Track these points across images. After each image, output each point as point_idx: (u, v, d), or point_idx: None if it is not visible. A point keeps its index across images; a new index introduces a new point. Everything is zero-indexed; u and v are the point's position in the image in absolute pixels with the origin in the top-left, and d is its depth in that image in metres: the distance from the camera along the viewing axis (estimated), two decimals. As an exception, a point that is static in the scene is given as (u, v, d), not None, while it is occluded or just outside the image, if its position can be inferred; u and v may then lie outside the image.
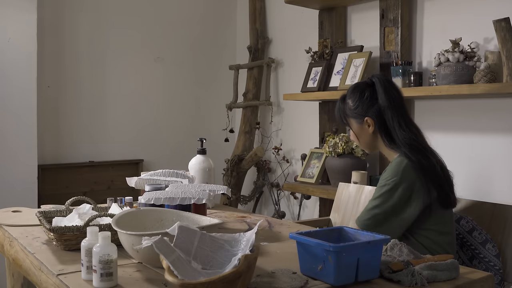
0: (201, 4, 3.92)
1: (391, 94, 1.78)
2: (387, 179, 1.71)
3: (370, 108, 1.79)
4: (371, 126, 1.80)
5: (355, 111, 1.82)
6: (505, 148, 2.39)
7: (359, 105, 1.81)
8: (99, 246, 1.20)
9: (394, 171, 1.70)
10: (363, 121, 1.81)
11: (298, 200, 3.45)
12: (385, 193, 1.69)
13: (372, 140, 1.83)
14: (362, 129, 1.83)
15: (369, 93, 1.80)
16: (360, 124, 1.82)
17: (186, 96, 3.86)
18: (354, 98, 1.82)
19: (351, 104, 1.83)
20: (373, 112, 1.78)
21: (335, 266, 1.15)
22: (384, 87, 1.78)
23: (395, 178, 1.69)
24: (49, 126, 3.30)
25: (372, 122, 1.79)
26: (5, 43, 2.96)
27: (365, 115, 1.80)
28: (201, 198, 1.74)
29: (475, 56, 2.32)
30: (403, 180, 1.68)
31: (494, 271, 1.95)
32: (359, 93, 1.82)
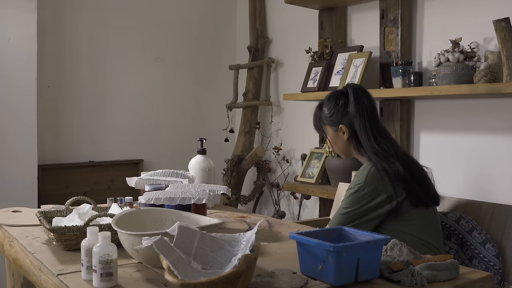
0: (201, 4, 3.92)
1: (360, 103, 1.85)
2: (354, 182, 1.79)
3: (344, 116, 1.86)
4: (346, 134, 1.87)
5: (330, 118, 1.89)
6: (505, 148, 2.39)
7: (334, 113, 1.88)
8: (99, 246, 1.20)
9: (359, 176, 1.78)
10: (338, 128, 1.88)
11: (298, 200, 3.45)
12: (351, 197, 1.77)
13: (346, 147, 1.90)
14: (337, 136, 1.90)
15: (344, 101, 1.88)
16: (335, 131, 1.90)
17: (186, 96, 3.86)
18: (330, 106, 1.90)
19: (326, 112, 1.91)
20: (347, 120, 1.86)
21: (335, 266, 1.15)
22: (355, 96, 1.85)
23: (360, 182, 1.76)
24: (49, 126, 3.30)
25: (346, 130, 1.86)
26: (5, 43, 2.96)
27: (340, 122, 1.87)
28: (201, 198, 1.74)
29: (475, 56, 2.32)
30: (367, 184, 1.75)
31: (494, 271, 1.95)
32: (334, 101, 1.89)
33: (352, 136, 1.86)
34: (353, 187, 1.78)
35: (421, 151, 2.73)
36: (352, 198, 1.77)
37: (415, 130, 2.76)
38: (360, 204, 1.75)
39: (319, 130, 2.00)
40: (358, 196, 1.75)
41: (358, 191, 1.76)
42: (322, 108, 1.94)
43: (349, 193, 1.78)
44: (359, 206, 1.75)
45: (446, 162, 2.62)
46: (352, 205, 1.76)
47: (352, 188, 1.78)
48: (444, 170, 2.62)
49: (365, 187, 1.75)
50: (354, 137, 1.85)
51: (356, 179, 1.80)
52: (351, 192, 1.78)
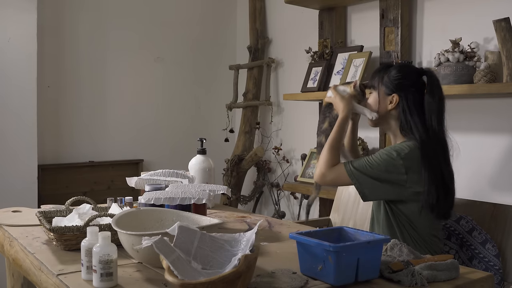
0: (201, 4, 3.92)
1: (441, 93, 1.81)
2: (392, 149, 1.74)
3: (405, 91, 1.80)
4: (392, 104, 1.81)
5: (392, 82, 1.82)
6: (505, 148, 2.39)
7: (399, 80, 1.82)
8: (99, 246, 1.20)
9: (402, 148, 1.73)
10: (390, 95, 1.82)
11: (298, 200, 3.45)
12: (381, 159, 1.73)
13: (383, 116, 1.85)
14: (383, 101, 1.84)
15: (414, 79, 1.82)
16: (386, 95, 1.83)
17: (186, 96, 3.86)
18: (400, 72, 1.83)
19: (393, 74, 1.83)
20: (405, 95, 1.79)
21: (335, 266, 1.15)
22: (437, 84, 1.81)
23: (397, 152, 1.72)
24: (49, 126, 3.30)
25: (396, 101, 1.81)
26: (5, 43, 2.96)
27: (397, 92, 1.81)
28: (201, 198, 1.74)
29: (475, 56, 2.32)
30: (404, 157, 1.71)
31: (494, 271, 1.95)
32: (407, 73, 1.83)
33: (408, 116, 1.79)
34: (389, 153, 1.73)
35: (421, 151, 2.73)
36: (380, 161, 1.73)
37: (415, 130, 2.75)
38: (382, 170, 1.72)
39: (372, 85, 1.91)
40: (387, 160, 1.72)
41: (389, 157, 1.72)
42: (389, 69, 1.87)
43: (384, 156, 1.73)
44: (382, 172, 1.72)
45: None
46: (375, 165, 1.73)
47: (388, 153, 1.73)
48: (444, 170, 2.62)
49: (399, 158, 1.71)
50: (410, 119, 1.79)
51: (394, 147, 1.76)
52: (386, 157, 1.73)
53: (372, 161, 1.74)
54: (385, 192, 1.76)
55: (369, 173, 1.73)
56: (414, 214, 1.78)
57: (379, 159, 1.74)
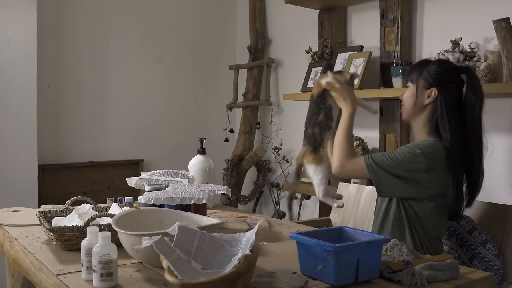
0: (201, 4, 3.92)
1: (482, 93, 1.78)
2: (416, 146, 1.72)
3: (444, 86, 1.77)
4: (430, 98, 1.78)
5: (432, 76, 1.79)
6: (505, 148, 2.39)
7: (439, 75, 1.78)
8: (99, 246, 1.20)
9: (426, 146, 1.71)
10: (429, 88, 1.79)
11: (298, 200, 3.45)
12: (403, 155, 1.70)
13: (418, 110, 1.81)
14: (421, 94, 1.80)
15: (454, 75, 1.79)
16: (424, 89, 1.80)
17: (186, 96, 3.86)
18: (440, 67, 1.80)
19: (433, 68, 1.80)
20: (444, 91, 1.77)
21: (335, 266, 1.15)
22: (479, 83, 1.78)
23: (421, 150, 1.69)
24: (49, 126, 3.30)
25: (434, 96, 1.77)
26: (5, 43, 2.96)
27: (436, 86, 1.78)
28: (201, 198, 1.74)
29: (475, 56, 2.32)
30: (427, 156, 1.69)
31: (494, 271, 1.95)
32: (448, 68, 1.81)
33: (444, 111, 1.75)
34: (412, 149, 1.71)
35: (421, 151, 2.73)
36: (404, 156, 1.70)
37: (415, 130, 2.75)
38: (405, 164, 1.70)
39: (410, 79, 1.86)
40: (412, 158, 1.69)
41: (412, 154, 1.70)
42: (429, 64, 1.83)
43: (406, 151, 1.71)
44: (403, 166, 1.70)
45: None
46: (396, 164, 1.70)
47: (411, 149, 1.71)
48: (444, 170, 2.62)
49: (422, 156, 1.69)
50: (446, 114, 1.75)
51: (419, 144, 1.73)
52: (408, 151, 1.71)
53: (394, 157, 1.72)
54: (403, 189, 1.74)
55: (389, 169, 1.71)
56: (427, 214, 1.77)
57: (401, 156, 1.71)
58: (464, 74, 1.80)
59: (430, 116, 1.80)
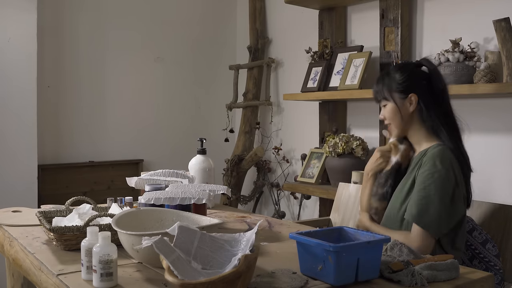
0: (201, 4, 3.92)
1: (444, 79, 1.79)
2: (435, 165, 1.66)
3: (418, 87, 1.75)
4: (413, 104, 1.75)
5: (402, 85, 1.76)
6: (505, 148, 2.39)
7: (408, 81, 1.76)
8: (99, 246, 1.20)
9: (441, 158, 1.67)
10: (406, 97, 1.76)
11: (298, 200, 3.45)
12: (439, 180, 1.65)
13: (408, 120, 1.78)
14: (403, 106, 1.77)
15: (420, 73, 1.79)
16: (402, 99, 1.77)
17: (186, 96, 3.86)
18: (403, 73, 1.78)
19: (398, 78, 1.78)
20: (421, 92, 1.75)
21: (335, 266, 1.15)
22: (438, 71, 1.79)
23: (445, 164, 1.66)
24: (49, 126, 3.30)
25: (415, 100, 1.75)
26: (5, 43, 2.96)
27: (412, 91, 1.75)
28: (201, 198, 1.74)
29: (475, 56, 2.32)
30: (451, 168, 1.67)
31: (494, 271, 1.95)
32: (410, 69, 1.79)
33: (431, 110, 1.74)
34: (437, 170, 1.65)
35: (421, 151, 2.73)
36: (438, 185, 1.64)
37: (415, 130, 2.75)
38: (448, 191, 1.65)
39: (380, 97, 1.83)
40: (445, 181, 1.65)
41: (444, 176, 1.65)
42: (391, 75, 1.80)
43: (436, 177, 1.65)
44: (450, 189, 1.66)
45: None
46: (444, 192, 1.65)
47: (437, 172, 1.65)
48: (444, 170, 2.62)
49: (450, 170, 1.66)
50: (433, 112, 1.74)
51: (434, 161, 1.67)
52: (438, 175, 1.65)
53: (428, 193, 1.65)
54: (459, 210, 1.71)
55: (436, 208, 1.64)
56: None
57: (431, 184, 1.65)
58: (424, 66, 1.80)
59: (421, 120, 1.77)
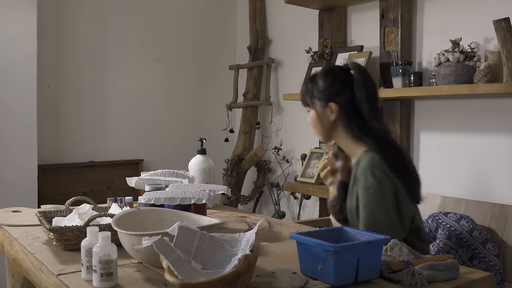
0: (201, 4, 3.92)
1: (369, 86, 1.71)
2: (367, 179, 1.62)
3: (339, 95, 1.71)
4: (334, 113, 1.71)
5: (323, 93, 1.73)
6: (505, 148, 2.39)
7: (329, 88, 1.72)
8: (99, 246, 1.20)
9: (371, 170, 1.62)
10: (327, 105, 1.72)
11: (298, 200, 3.45)
12: (375, 194, 1.62)
13: (330, 128, 1.75)
14: (323, 114, 1.74)
15: (343, 79, 1.72)
16: (323, 108, 1.74)
17: (186, 96, 3.86)
18: (326, 80, 1.74)
19: (321, 85, 1.74)
20: (342, 99, 1.70)
21: (335, 266, 1.15)
22: (363, 78, 1.71)
23: (376, 175, 1.61)
24: (49, 126, 3.30)
25: (336, 109, 1.71)
26: (5, 43, 2.96)
27: (332, 100, 1.71)
28: (201, 198, 1.74)
29: (475, 56, 2.32)
30: (384, 175, 1.61)
31: (494, 271, 1.95)
32: (333, 77, 1.73)
33: (350, 118, 1.70)
34: (372, 183, 1.61)
35: (421, 151, 2.73)
36: (376, 198, 1.61)
37: (415, 130, 2.76)
38: (388, 199, 1.61)
39: (305, 103, 1.82)
40: (382, 193, 1.60)
41: (381, 186, 1.60)
42: (315, 80, 1.76)
43: (372, 191, 1.61)
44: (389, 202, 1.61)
45: (446, 162, 2.62)
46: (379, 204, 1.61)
47: (373, 186, 1.61)
48: (444, 170, 2.62)
49: (383, 178, 1.61)
50: (354, 120, 1.70)
51: (367, 173, 1.63)
52: (375, 188, 1.61)
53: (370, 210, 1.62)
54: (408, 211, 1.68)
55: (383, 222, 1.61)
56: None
57: (369, 200, 1.62)
58: (351, 71, 1.74)
59: (346, 126, 1.72)
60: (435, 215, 2.29)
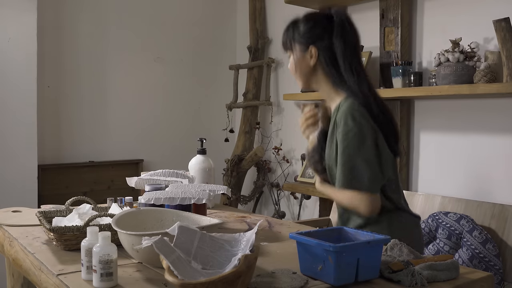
0: (201, 4, 3.92)
1: (348, 33, 1.66)
2: (347, 124, 1.57)
3: (320, 40, 1.67)
4: (313, 58, 1.68)
5: (303, 36, 1.70)
6: (505, 148, 2.39)
7: (309, 32, 1.69)
8: (99, 246, 1.20)
9: (352, 114, 1.58)
10: (307, 49, 1.69)
11: (298, 200, 3.45)
12: (355, 138, 1.56)
13: (310, 73, 1.71)
14: (303, 58, 1.71)
15: (325, 25, 1.68)
16: (303, 52, 1.70)
17: (186, 96, 3.86)
18: (307, 24, 1.71)
19: (302, 28, 1.72)
20: (322, 45, 1.66)
21: (335, 266, 1.15)
22: (343, 25, 1.66)
23: (356, 119, 1.56)
24: (49, 126, 3.30)
25: (315, 54, 1.67)
26: (5, 43, 2.96)
27: (312, 43, 1.68)
28: (201, 198, 1.74)
29: (475, 56, 2.32)
30: (364, 119, 1.57)
31: (494, 271, 1.95)
32: (314, 21, 1.71)
33: (329, 65, 1.65)
34: (352, 128, 1.56)
35: (421, 151, 2.73)
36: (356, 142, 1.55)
37: (415, 130, 2.76)
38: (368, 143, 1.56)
39: (286, 48, 1.79)
40: (361, 137, 1.55)
41: (360, 130, 1.55)
42: (297, 24, 1.74)
43: (351, 135, 1.56)
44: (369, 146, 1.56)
45: (446, 162, 2.62)
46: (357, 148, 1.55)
47: (352, 130, 1.56)
48: (444, 170, 2.62)
49: (364, 124, 1.56)
50: (332, 67, 1.65)
51: (347, 118, 1.58)
52: (355, 133, 1.56)
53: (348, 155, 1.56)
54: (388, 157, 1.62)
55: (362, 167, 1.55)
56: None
57: (349, 144, 1.56)
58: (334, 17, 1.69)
59: (325, 72, 1.68)
60: (435, 215, 2.29)
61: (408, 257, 1.34)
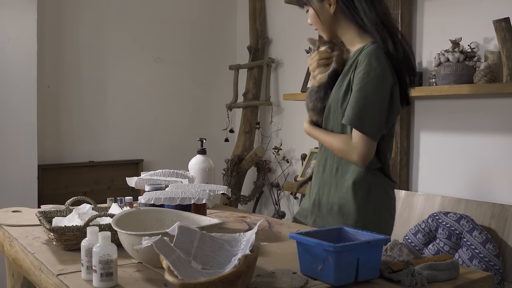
0: (201, 4, 3.92)
1: None
2: (371, 63, 1.56)
3: None
4: (333, 5, 1.66)
5: None
6: (505, 148, 2.39)
7: None
8: (99, 246, 1.20)
9: (376, 56, 1.56)
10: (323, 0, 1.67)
11: (298, 200, 3.45)
12: (375, 79, 1.54)
13: (332, 22, 1.69)
14: (322, 9, 1.69)
15: None
16: (320, 2, 1.69)
17: (186, 96, 3.86)
18: None
19: None
20: None
21: (335, 266, 1.15)
22: None
23: (381, 61, 1.55)
24: (49, 126, 3.30)
25: (334, 1, 1.65)
26: (5, 43, 2.96)
27: None
28: (201, 198, 1.74)
29: (475, 56, 2.32)
30: (387, 64, 1.55)
31: (494, 270, 1.95)
32: None
33: (351, 7, 1.62)
34: (371, 70, 1.53)
35: (421, 151, 2.73)
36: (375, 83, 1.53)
37: (415, 130, 2.76)
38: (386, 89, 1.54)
39: (301, 4, 1.78)
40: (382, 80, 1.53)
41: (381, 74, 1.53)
42: None
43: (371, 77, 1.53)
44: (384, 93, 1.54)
45: (446, 162, 2.62)
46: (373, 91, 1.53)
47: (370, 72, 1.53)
48: (444, 170, 2.62)
49: (384, 68, 1.54)
50: (354, 10, 1.62)
51: (372, 60, 1.55)
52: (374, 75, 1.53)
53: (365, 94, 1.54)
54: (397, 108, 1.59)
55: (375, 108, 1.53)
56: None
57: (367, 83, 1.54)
58: None
59: (348, 17, 1.66)
60: (435, 215, 2.29)
61: (408, 257, 1.34)
